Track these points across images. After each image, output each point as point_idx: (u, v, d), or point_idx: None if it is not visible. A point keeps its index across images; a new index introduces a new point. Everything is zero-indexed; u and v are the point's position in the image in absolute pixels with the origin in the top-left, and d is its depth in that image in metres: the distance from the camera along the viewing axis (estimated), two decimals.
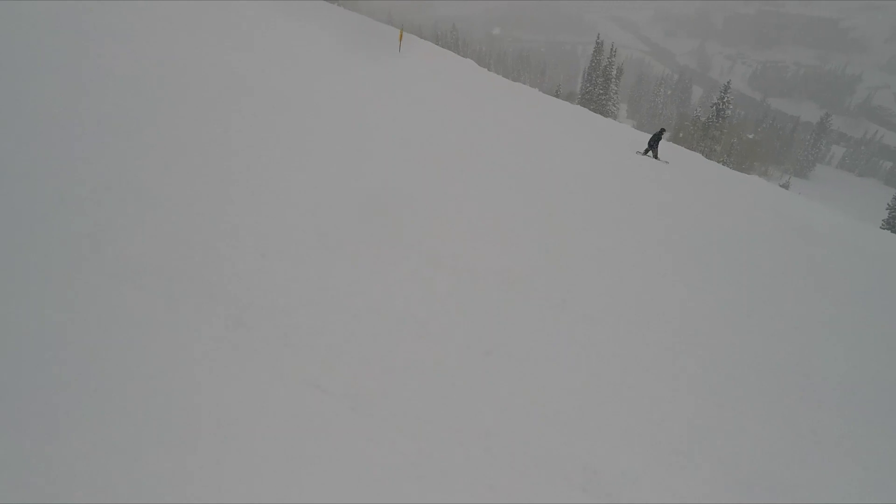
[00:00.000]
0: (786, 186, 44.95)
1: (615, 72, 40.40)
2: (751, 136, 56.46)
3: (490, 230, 6.70)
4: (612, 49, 39.40)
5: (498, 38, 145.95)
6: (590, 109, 33.91)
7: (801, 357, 5.95)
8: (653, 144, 15.28)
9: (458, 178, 8.01)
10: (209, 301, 3.88)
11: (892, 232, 32.20)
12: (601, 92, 39.74)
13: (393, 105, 10.52)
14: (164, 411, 2.95)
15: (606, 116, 37.18)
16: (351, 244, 5.28)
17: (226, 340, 3.61)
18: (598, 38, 41.03)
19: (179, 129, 6.12)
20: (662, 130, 15.83)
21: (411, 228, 6.09)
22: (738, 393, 4.99)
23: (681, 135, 42.59)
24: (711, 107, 39.87)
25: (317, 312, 4.17)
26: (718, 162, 34.29)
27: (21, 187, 4.32)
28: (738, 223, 10.43)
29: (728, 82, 39.23)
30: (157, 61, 7.79)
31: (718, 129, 39.86)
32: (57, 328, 3.26)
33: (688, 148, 32.32)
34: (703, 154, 35.52)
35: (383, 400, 3.57)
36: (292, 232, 5.09)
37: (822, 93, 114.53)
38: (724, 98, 39.00)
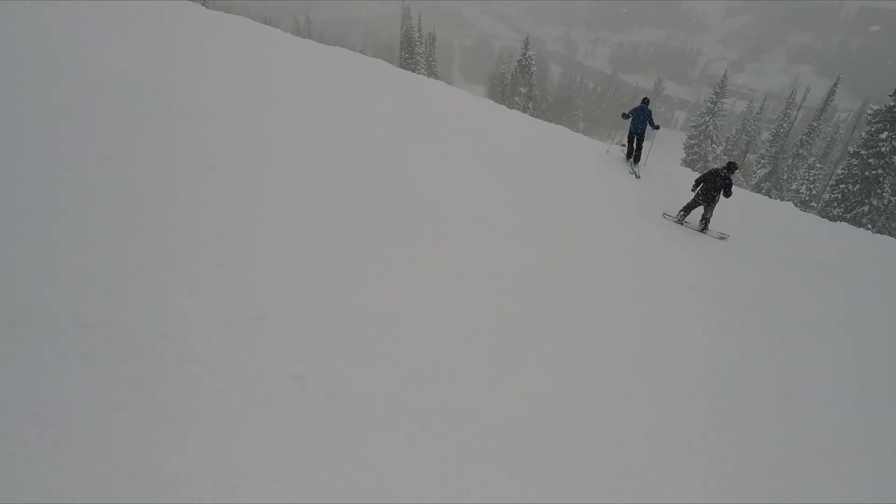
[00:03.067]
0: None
1: (418, 35, 40.61)
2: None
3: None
4: (406, 10, 39.60)
5: (375, 33, 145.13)
6: None
7: None
8: (703, 199, 8.10)
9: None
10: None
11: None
12: (407, 56, 39.74)
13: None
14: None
15: None
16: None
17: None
18: (404, 2, 41.04)
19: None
20: (732, 166, 7.93)
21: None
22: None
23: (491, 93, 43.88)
24: (516, 63, 41.22)
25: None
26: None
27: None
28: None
29: (527, 38, 40.77)
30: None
31: (526, 84, 41.33)
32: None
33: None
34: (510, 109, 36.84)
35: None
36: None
37: (669, 66, 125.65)
38: (525, 54, 40.44)
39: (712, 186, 8.02)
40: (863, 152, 23.23)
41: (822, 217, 21.78)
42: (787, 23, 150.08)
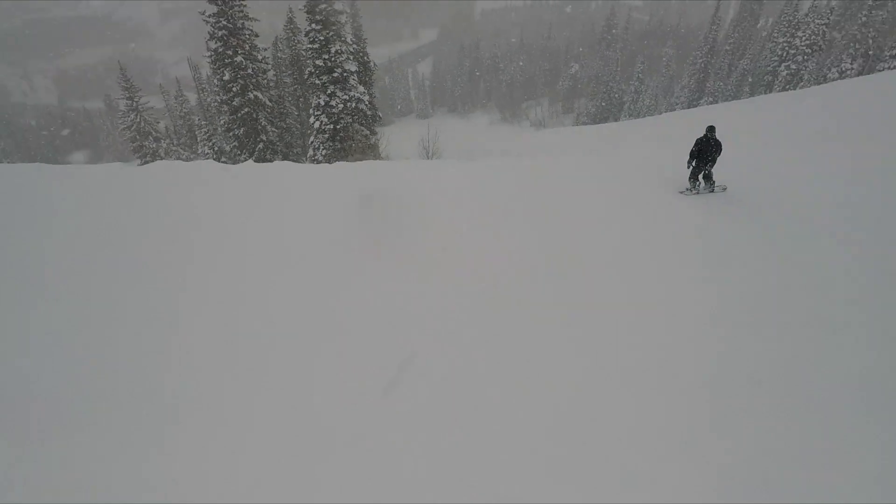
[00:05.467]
0: None
1: None
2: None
3: None
4: None
5: None
6: None
7: None
8: (709, 162, 9.39)
9: None
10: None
11: None
12: None
13: None
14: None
15: None
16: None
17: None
18: None
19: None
20: (712, 129, 9.35)
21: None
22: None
23: None
24: None
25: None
26: None
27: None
28: None
29: None
30: None
31: None
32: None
33: None
34: None
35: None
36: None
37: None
38: None
39: (707, 150, 9.33)
40: (224, 98, 27.08)
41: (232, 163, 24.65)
42: None
